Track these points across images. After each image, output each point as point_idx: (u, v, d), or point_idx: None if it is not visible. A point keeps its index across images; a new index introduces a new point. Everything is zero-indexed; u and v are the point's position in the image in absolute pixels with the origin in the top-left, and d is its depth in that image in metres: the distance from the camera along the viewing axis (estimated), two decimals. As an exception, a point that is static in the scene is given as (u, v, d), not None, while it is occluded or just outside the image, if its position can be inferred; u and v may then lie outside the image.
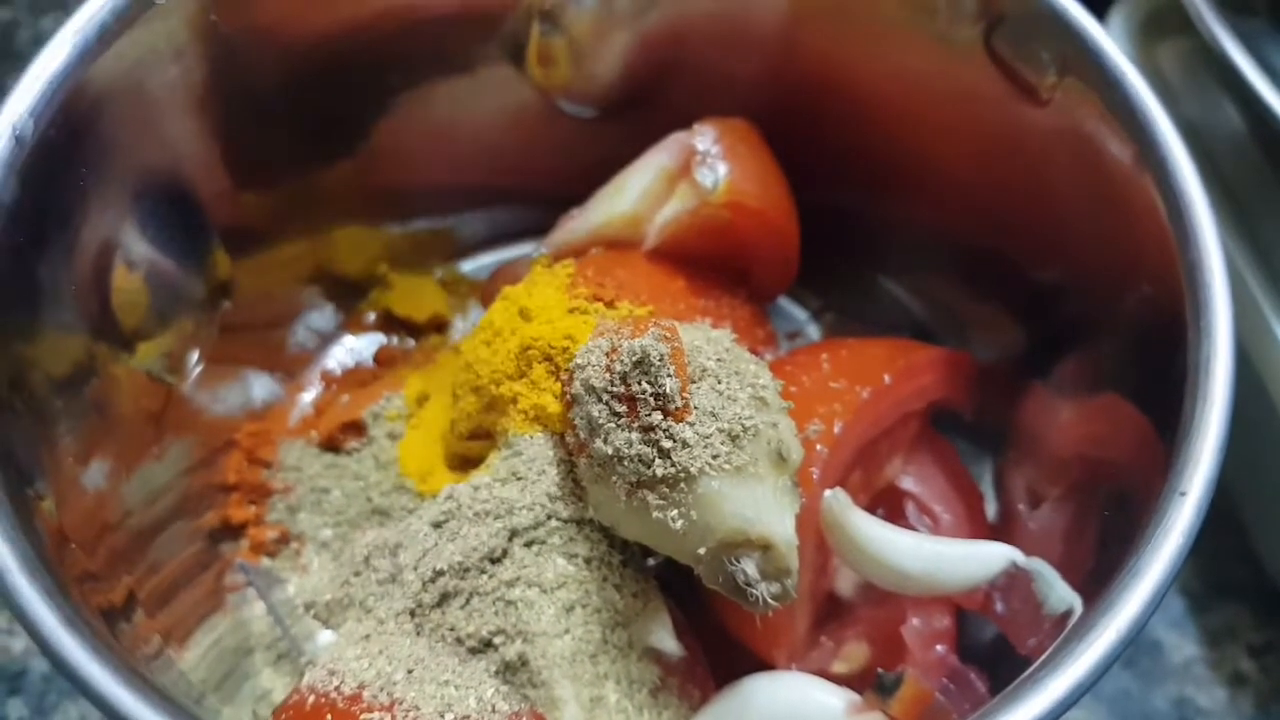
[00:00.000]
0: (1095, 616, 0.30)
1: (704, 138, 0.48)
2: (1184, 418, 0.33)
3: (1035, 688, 0.29)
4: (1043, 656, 0.31)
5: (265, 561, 0.50)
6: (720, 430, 0.38)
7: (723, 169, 0.47)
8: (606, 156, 0.52)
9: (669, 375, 0.39)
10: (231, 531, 0.50)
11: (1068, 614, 0.36)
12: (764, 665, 0.43)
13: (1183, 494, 0.32)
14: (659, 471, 0.38)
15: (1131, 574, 0.31)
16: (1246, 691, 0.55)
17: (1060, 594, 0.38)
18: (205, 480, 0.50)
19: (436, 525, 0.42)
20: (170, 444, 0.47)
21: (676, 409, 0.39)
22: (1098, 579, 0.33)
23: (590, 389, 0.40)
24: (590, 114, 0.56)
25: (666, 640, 0.43)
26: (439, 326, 0.58)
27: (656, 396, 0.39)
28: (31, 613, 0.31)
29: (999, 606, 0.43)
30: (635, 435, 0.39)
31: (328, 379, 0.56)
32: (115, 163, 0.42)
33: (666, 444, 0.38)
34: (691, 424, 0.38)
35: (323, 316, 0.57)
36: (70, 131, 0.39)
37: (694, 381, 0.39)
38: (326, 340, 0.57)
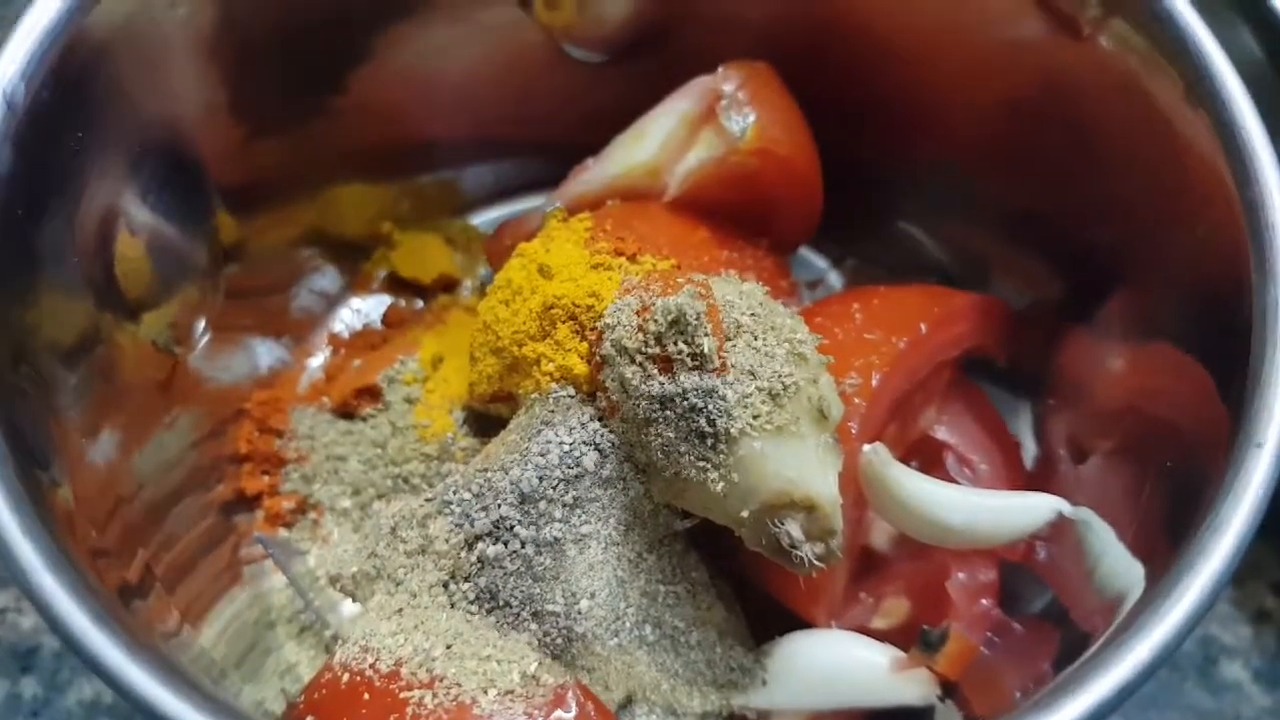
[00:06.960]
0: (1175, 576, 0.29)
1: (729, 82, 0.46)
2: (1252, 366, 0.32)
3: (1122, 649, 0.28)
4: (1109, 630, 0.31)
5: (283, 532, 0.48)
6: (760, 389, 0.37)
7: (751, 114, 0.45)
8: (614, 104, 0.50)
9: (706, 334, 0.37)
10: (246, 503, 0.49)
11: (1126, 591, 0.35)
12: (801, 623, 0.43)
13: (1259, 445, 0.31)
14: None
15: (1210, 529, 0.30)
16: (1270, 628, 0.55)
17: (1115, 556, 0.37)
18: (216, 452, 0.48)
19: (467, 493, 0.41)
20: (178, 415, 0.45)
21: (714, 369, 0.37)
22: (1169, 546, 0.32)
23: (622, 350, 0.39)
24: (597, 59, 0.54)
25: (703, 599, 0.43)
26: (447, 286, 0.56)
27: (693, 356, 0.37)
28: (46, 597, 0.30)
29: (1041, 554, 0.42)
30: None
31: (335, 342, 0.54)
32: (114, 123, 0.40)
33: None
34: (730, 383, 0.37)
35: (326, 278, 0.55)
36: (65, 92, 0.37)
37: (729, 339, 0.38)
38: (332, 303, 0.55)
